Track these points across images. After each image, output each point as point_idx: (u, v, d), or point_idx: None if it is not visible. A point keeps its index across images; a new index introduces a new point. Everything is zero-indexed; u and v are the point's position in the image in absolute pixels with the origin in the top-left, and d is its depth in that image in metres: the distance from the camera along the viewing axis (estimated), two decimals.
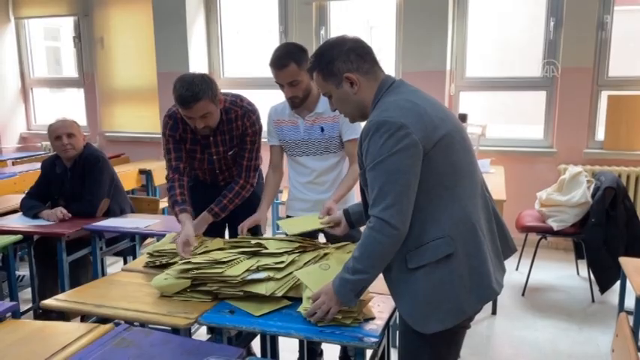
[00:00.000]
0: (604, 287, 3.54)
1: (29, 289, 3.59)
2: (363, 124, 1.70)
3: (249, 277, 1.88)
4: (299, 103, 2.43)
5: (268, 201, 2.59)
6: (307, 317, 1.70)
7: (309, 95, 2.44)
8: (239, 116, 2.54)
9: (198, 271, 1.92)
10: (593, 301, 3.63)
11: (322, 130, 2.47)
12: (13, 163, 5.42)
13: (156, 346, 1.63)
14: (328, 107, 2.41)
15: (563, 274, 4.13)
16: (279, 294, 1.84)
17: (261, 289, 1.84)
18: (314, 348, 2.72)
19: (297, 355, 2.64)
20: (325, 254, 2.14)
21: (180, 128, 2.57)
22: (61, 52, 7.25)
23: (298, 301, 1.83)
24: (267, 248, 2.08)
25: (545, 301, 3.66)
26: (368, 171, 1.58)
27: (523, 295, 3.73)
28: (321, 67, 1.69)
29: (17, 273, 3.45)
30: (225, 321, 1.76)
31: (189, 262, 1.98)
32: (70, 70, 6.71)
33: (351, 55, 1.66)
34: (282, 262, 1.96)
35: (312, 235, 2.45)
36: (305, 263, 2.01)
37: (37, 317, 3.26)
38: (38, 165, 4.99)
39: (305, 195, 2.56)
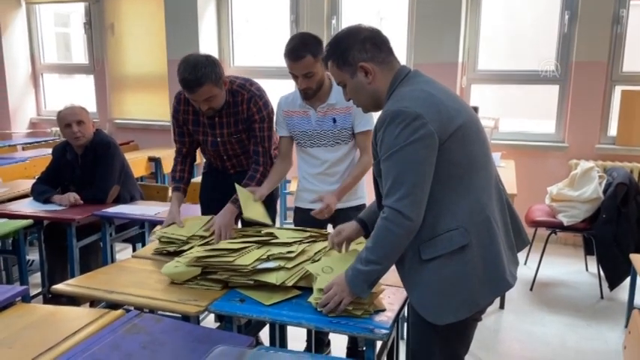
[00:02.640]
0: (613, 284, 3.52)
1: (38, 274, 3.62)
2: (375, 115, 1.69)
3: (260, 267, 1.87)
4: (312, 94, 2.41)
5: (270, 184, 2.52)
6: (319, 308, 1.70)
7: (322, 86, 2.42)
8: (245, 100, 2.51)
9: (209, 260, 1.92)
10: (601, 297, 3.61)
11: (334, 121, 2.45)
12: (24, 148, 5.44)
13: (166, 333, 1.63)
14: (341, 98, 2.41)
15: (572, 269, 4.11)
16: (290, 284, 1.83)
17: (272, 278, 1.83)
18: (322, 338, 2.72)
19: (304, 344, 2.64)
20: None
21: (182, 110, 2.60)
22: (71, 38, 7.23)
23: (308, 290, 1.83)
24: (277, 238, 2.07)
25: (554, 297, 3.65)
26: (383, 161, 1.57)
27: (531, 289, 3.72)
28: (336, 55, 1.67)
29: (27, 257, 3.47)
30: (235, 309, 1.76)
31: (200, 251, 1.98)
32: (80, 56, 6.71)
33: (366, 44, 1.64)
34: (292, 251, 1.95)
35: (320, 225, 2.45)
36: (315, 253, 2.00)
37: (46, 302, 3.29)
38: (48, 150, 5.03)
39: (315, 186, 2.54)
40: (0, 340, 1.60)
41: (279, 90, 4.99)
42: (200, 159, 2.95)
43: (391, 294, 1.85)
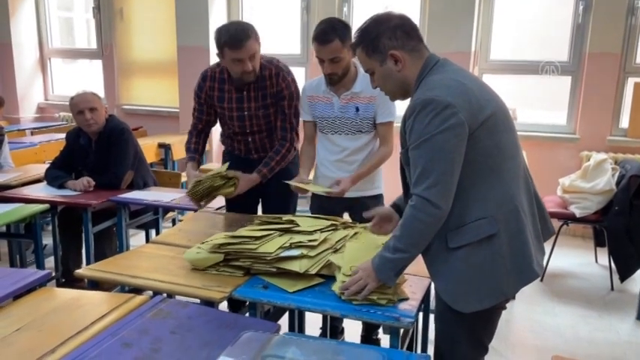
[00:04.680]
0: (624, 275, 3.53)
1: (50, 258, 3.63)
2: (399, 106, 1.68)
3: (283, 254, 1.88)
4: (337, 80, 2.40)
5: (308, 168, 2.58)
6: (341, 290, 1.70)
7: (347, 73, 2.41)
8: (272, 74, 2.57)
9: (231, 247, 1.92)
10: (612, 289, 3.62)
11: (357, 109, 2.44)
12: (32, 133, 5.44)
13: (193, 318, 1.64)
14: (365, 87, 2.40)
15: (582, 261, 4.12)
16: (313, 272, 1.84)
17: (295, 266, 1.84)
18: (336, 326, 2.74)
19: (319, 332, 2.66)
20: (355, 233, 2.14)
21: (207, 86, 2.65)
22: (74, 22, 7.14)
23: (331, 279, 1.84)
24: (299, 225, 2.07)
25: (564, 288, 3.66)
26: (411, 149, 1.56)
27: (542, 280, 3.72)
28: (365, 43, 1.66)
29: None
30: (259, 296, 1.77)
31: (222, 238, 1.98)
32: (83, 41, 6.66)
33: (397, 31, 1.63)
34: (314, 240, 1.95)
35: (337, 213, 2.45)
36: (337, 241, 2.01)
37: (59, 286, 3.30)
38: (57, 135, 5.03)
39: (333, 173, 2.53)
40: (28, 323, 1.62)
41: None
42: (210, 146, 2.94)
43: (413, 283, 1.86)
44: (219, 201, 2.85)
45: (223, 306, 2.99)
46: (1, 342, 1.52)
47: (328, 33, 2.28)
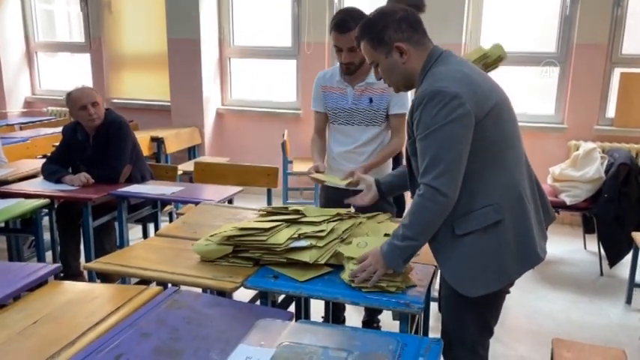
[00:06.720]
0: (613, 261, 3.64)
1: (49, 253, 3.62)
2: (411, 98, 1.72)
3: (292, 245, 1.91)
4: (354, 70, 2.42)
5: (320, 156, 2.57)
6: (351, 277, 1.74)
7: (363, 63, 2.42)
8: None
9: (241, 239, 1.95)
10: (601, 274, 3.72)
11: (371, 101, 2.46)
12: (21, 128, 5.38)
13: (208, 308, 1.68)
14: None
15: (571, 248, 4.22)
16: (322, 261, 1.87)
17: (305, 256, 1.87)
18: (338, 315, 2.78)
19: (321, 321, 2.71)
20: (360, 223, 2.18)
21: None
22: (55, 15, 7.03)
23: (339, 267, 1.88)
24: (305, 216, 2.11)
25: (556, 274, 3.75)
26: (419, 140, 1.61)
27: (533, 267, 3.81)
28: (371, 35, 1.70)
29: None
30: (271, 285, 1.80)
31: (231, 230, 2.01)
32: (65, 34, 6.58)
33: (402, 24, 1.67)
34: (322, 230, 1.99)
35: (344, 205, 2.47)
36: (344, 231, 2.05)
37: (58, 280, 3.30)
38: (47, 130, 4.99)
39: (342, 165, 2.55)
40: (45, 316, 1.64)
41: (278, 70, 4.98)
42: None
43: (419, 270, 1.90)
44: (222, 192, 2.90)
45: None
46: (19, 335, 1.54)
47: (347, 22, 2.30)
